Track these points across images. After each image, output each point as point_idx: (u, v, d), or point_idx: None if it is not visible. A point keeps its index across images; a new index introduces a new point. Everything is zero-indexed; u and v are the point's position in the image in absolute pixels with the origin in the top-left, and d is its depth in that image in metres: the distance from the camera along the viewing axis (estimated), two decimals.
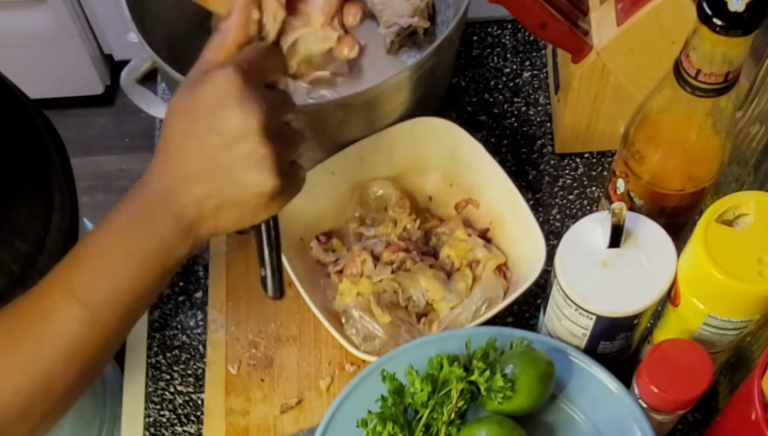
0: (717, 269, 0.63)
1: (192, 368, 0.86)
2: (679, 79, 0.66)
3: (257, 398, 0.84)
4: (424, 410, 0.71)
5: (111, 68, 2.07)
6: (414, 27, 0.94)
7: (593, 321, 0.70)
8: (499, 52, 1.03)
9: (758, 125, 0.79)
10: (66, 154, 0.90)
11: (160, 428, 0.84)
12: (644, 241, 0.70)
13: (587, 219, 0.72)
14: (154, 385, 0.86)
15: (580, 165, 0.95)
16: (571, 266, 0.70)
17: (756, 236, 0.64)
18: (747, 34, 0.60)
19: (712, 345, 0.69)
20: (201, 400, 0.84)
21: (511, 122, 0.98)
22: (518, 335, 0.75)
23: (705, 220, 0.64)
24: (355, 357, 0.79)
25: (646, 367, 0.67)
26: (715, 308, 0.66)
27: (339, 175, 0.87)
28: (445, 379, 0.71)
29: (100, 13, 1.92)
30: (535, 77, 1.01)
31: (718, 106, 0.67)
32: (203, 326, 0.88)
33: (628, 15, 0.80)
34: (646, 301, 0.69)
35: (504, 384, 0.69)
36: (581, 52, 0.84)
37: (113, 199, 2.27)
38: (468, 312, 0.80)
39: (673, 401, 0.67)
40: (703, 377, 0.66)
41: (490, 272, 0.83)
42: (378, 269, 0.83)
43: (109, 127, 2.13)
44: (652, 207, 0.76)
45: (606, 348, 0.74)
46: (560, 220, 0.92)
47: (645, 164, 0.73)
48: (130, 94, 0.83)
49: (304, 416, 0.83)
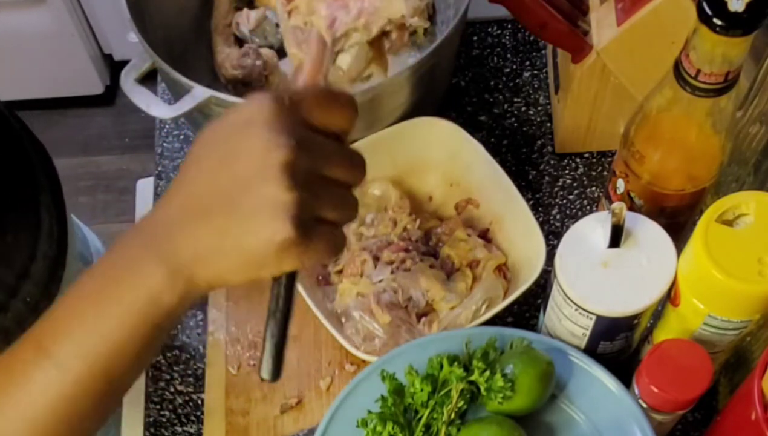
0: (717, 269, 0.63)
1: (192, 368, 0.86)
2: (679, 79, 0.66)
3: (257, 398, 0.84)
4: (424, 410, 0.71)
5: (111, 68, 2.08)
6: (414, 27, 0.94)
7: (593, 321, 0.70)
8: (499, 52, 1.03)
9: (758, 125, 0.79)
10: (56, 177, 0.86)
11: (160, 428, 0.84)
12: (644, 241, 0.70)
13: (587, 219, 0.72)
14: (154, 385, 0.86)
15: (580, 165, 0.95)
16: (571, 266, 0.70)
17: (756, 236, 0.64)
18: (747, 34, 0.60)
19: (712, 345, 0.69)
20: (201, 400, 0.84)
21: (511, 122, 0.98)
22: (518, 335, 0.75)
23: (705, 220, 0.64)
24: (355, 357, 0.79)
25: (646, 367, 0.67)
26: (715, 308, 0.66)
27: None
28: (445, 379, 0.71)
29: (100, 13, 1.92)
30: (535, 77, 1.01)
31: (718, 106, 0.67)
32: (203, 326, 0.88)
33: (628, 15, 0.80)
34: (646, 301, 0.69)
35: (504, 384, 0.69)
36: (581, 52, 0.84)
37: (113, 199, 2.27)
38: (468, 312, 0.80)
39: (673, 401, 0.67)
40: (703, 377, 0.66)
41: (490, 272, 0.83)
42: (378, 269, 0.83)
43: (109, 127, 2.13)
44: (652, 207, 0.76)
45: (606, 348, 0.74)
46: (560, 220, 0.92)
47: (645, 164, 0.73)
48: (130, 94, 0.83)
49: (304, 416, 0.83)
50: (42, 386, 0.52)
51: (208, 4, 0.97)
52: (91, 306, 0.52)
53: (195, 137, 0.52)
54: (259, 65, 0.91)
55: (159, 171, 0.97)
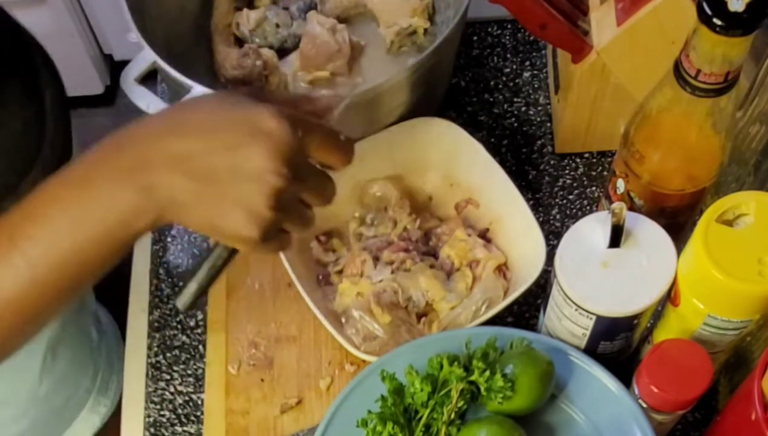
0: (717, 269, 0.63)
1: (192, 368, 0.86)
2: (679, 79, 0.66)
3: (257, 398, 0.84)
4: (424, 410, 0.71)
5: (111, 68, 2.07)
6: (414, 27, 0.94)
7: (593, 321, 0.70)
8: (499, 52, 1.03)
9: (758, 125, 0.79)
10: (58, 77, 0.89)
11: (160, 428, 0.84)
12: (644, 241, 0.70)
13: (587, 219, 0.72)
14: (154, 385, 0.86)
15: (580, 165, 0.95)
16: (571, 266, 0.70)
17: (756, 236, 0.64)
18: (747, 34, 0.60)
19: (712, 345, 0.69)
20: (201, 400, 0.84)
21: (511, 122, 0.98)
22: (518, 335, 0.75)
23: (705, 220, 0.64)
24: (355, 357, 0.79)
25: (646, 367, 0.67)
26: (715, 308, 0.66)
27: (339, 175, 0.86)
28: (445, 379, 0.71)
29: (100, 13, 1.92)
30: (535, 77, 1.01)
31: (718, 106, 0.67)
32: (203, 326, 0.88)
33: (628, 15, 0.80)
34: (646, 301, 0.69)
35: (504, 384, 0.69)
36: (581, 52, 0.84)
37: None
38: (468, 312, 0.80)
39: (673, 401, 0.67)
40: (703, 377, 0.66)
41: (490, 272, 0.83)
42: (378, 269, 0.83)
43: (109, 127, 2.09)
44: (652, 207, 0.76)
45: (606, 348, 0.74)
46: (560, 220, 0.92)
47: (645, 164, 0.73)
48: (130, 94, 0.83)
49: (304, 416, 0.83)
50: (8, 279, 0.56)
51: (208, 4, 0.97)
52: (64, 214, 0.56)
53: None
54: (259, 65, 0.91)
55: None
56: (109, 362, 1.00)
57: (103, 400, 0.99)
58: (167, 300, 0.90)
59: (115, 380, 1.00)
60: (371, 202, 0.89)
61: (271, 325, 0.87)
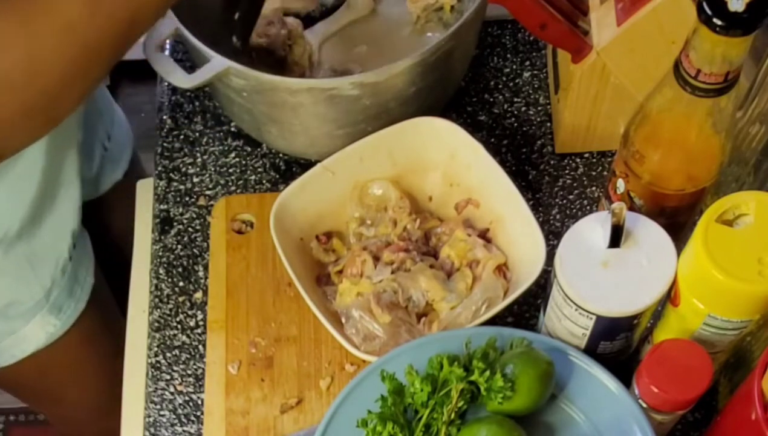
0: (717, 269, 0.63)
1: (192, 368, 0.86)
2: (679, 79, 0.66)
3: (257, 398, 0.84)
4: (424, 410, 0.71)
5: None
6: (441, 3, 0.94)
7: (593, 321, 0.70)
8: (499, 52, 1.03)
9: (758, 125, 0.79)
10: None
11: (160, 428, 0.84)
12: (644, 241, 0.70)
13: (587, 219, 0.72)
14: (154, 385, 0.86)
15: (580, 165, 0.95)
16: (571, 266, 0.70)
17: (756, 236, 0.64)
18: (747, 34, 0.60)
19: (712, 345, 0.69)
20: (201, 400, 0.84)
21: (511, 122, 0.98)
22: (518, 335, 0.75)
23: (705, 220, 0.64)
24: (355, 357, 0.79)
25: (646, 367, 0.67)
26: (715, 308, 0.66)
27: (339, 175, 0.87)
28: (445, 379, 0.71)
29: None
30: (535, 77, 1.01)
31: (718, 106, 0.67)
32: (203, 326, 0.88)
33: (628, 15, 0.80)
34: (646, 301, 0.69)
35: (504, 384, 0.69)
36: (581, 52, 0.84)
37: None
38: (468, 312, 0.80)
39: (673, 401, 0.67)
40: (703, 377, 0.66)
41: (490, 272, 0.83)
42: (378, 269, 0.83)
43: None
44: (652, 207, 0.76)
45: (606, 348, 0.74)
46: (560, 220, 0.92)
47: (645, 164, 0.73)
48: (151, 61, 0.82)
49: (304, 416, 0.83)
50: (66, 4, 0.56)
51: None
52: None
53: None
54: (284, 34, 0.90)
55: (159, 171, 0.97)
56: (69, 287, 0.98)
57: (52, 320, 0.98)
58: (167, 300, 0.90)
59: (72, 305, 0.98)
60: (371, 202, 0.89)
61: (271, 325, 0.87)
